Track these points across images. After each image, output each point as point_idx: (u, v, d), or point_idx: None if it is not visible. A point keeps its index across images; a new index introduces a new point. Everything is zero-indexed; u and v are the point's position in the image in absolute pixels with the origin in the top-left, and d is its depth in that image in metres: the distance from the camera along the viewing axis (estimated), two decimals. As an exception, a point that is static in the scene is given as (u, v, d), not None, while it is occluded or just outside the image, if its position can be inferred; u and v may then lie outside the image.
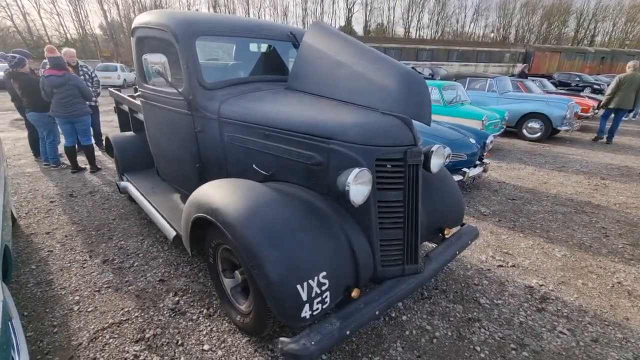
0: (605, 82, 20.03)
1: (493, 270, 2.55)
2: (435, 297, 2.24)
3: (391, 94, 1.74)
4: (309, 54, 2.21)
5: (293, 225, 1.51)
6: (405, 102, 1.70)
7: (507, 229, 3.25)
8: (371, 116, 1.70)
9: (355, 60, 1.94)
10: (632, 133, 8.76)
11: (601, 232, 3.21)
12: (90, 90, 4.53)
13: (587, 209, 3.78)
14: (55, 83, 4.06)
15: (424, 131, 4.02)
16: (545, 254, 2.82)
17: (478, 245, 2.92)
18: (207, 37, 2.27)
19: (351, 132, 1.64)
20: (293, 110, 1.93)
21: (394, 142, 1.63)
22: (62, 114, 4.21)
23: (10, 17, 34.92)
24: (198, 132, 2.26)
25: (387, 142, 1.62)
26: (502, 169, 5.28)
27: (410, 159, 1.64)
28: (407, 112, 1.70)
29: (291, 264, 1.40)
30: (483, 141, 4.38)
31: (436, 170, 2.06)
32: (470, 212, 3.61)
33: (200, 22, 2.23)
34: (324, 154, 1.72)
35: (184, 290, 2.27)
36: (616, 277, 2.50)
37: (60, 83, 4.07)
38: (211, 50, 3.00)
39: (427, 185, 2.20)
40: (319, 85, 2.15)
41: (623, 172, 5.23)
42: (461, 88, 7.02)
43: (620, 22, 48.21)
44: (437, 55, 25.14)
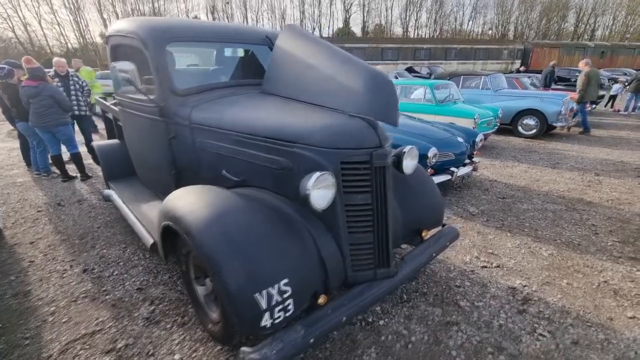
0: (605, 76, 19.91)
1: (476, 272, 2.51)
2: (415, 301, 2.20)
3: (358, 96, 1.71)
4: (282, 57, 2.20)
5: (255, 232, 1.48)
6: (371, 103, 1.68)
7: (495, 228, 3.20)
8: (336, 119, 1.67)
9: (325, 63, 1.92)
10: (631, 127, 8.66)
11: (591, 230, 3.15)
12: (68, 101, 4.54)
13: (579, 206, 3.72)
14: (29, 93, 4.09)
15: (410, 131, 3.99)
16: (532, 253, 2.76)
17: (463, 246, 2.87)
18: (178, 43, 2.26)
19: (315, 136, 1.62)
20: (260, 115, 1.91)
21: (359, 144, 1.60)
22: (38, 124, 4.25)
23: (11, 29, 35.37)
24: (172, 139, 2.25)
25: (351, 145, 1.59)
26: (495, 167, 5.23)
27: (377, 161, 1.61)
28: (374, 113, 1.67)
29: (250, 273, 1.37)
30: (472, 140, 4.33)
31: (409, 172, 2.03)
32: (459, 212, 3.56)
33: (170, 28, 2.22)
34: (290, 158, 1.70)
35: (161, 299, 2.25)
36: (602, 276, 2.45)
37: (34, 93, 4.10)
38: (192, 56, 3.00)
39: (404, 187, 2.17)
40: (291, 89, 2.13)
41: (618, 168, 5.15)
42: (454, 87, 6.98)
43: (621, 16, 47.89)
44: (435, 54, 25.08)
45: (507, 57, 26.50)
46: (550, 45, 27.06)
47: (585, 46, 27.39)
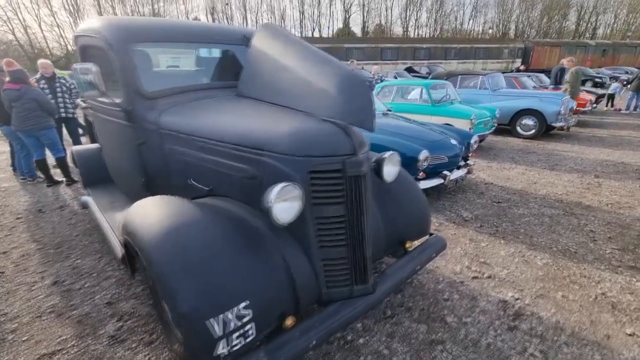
0: (607, 74, 19.71)
1: (466, 283, 2.37)
2: (399, 316, 2.06)
3: (331, 99, 1.58)
4: (257, 57, 2.08)
5: (214, 250, 1.35)
6: (345, 107, 1.55)
7: (488, 235, 3.06)
8: (306, 124, 1.54)
9: (299, 63, 1.79)
10: (633, 127, 8.49)
11: (589, 237, 3.01)
12: (52, 103, 4.43)
13: (577, 210, 3.57)
14: (11, 97, 3.98)
15: (401, 133, 3.85)
16: (526, 262, 2.62)
17: (454, 255, 2.73)
18: (147, 44, 2.13)
19: (282, 143, 1.49)
20: (229, 120, 1.79)
21: (330, 152, 1.47)
22: (21, 127, 4.14)
23: (12, 31, 35.40)
24: (140, 145, 2.12)
25: (321, 152, 1.46)
26: (492, 169, 5.08)
27: (350, 170, 1.48)
28: (347, 118, 1.54)
29: (203, 296, 1.24)
30: (467, 141, 4.19)
31: (391, 179, 1.90)
32: (452, 218, 3.42)
33: (137, 27, 2.10)
34: (257, 167, 1.57)
35: (130, 314, 2.12)
36: (600, 288, 2.30)
37: (16, 97, 3.99)
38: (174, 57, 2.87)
39: (386, 195, 2.04)
40: (266, 91, 2.01)
41: (619, 169, 5.00)
42: (450, 87, 6.83)
43: (622, 14, 47.57)
44: (435, 54, 24.91)
45: (508, 56, 26.29)
46: (551, 44, 26.83)
47: (587, 44, 27.16)
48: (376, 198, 2.01)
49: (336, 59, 1.75)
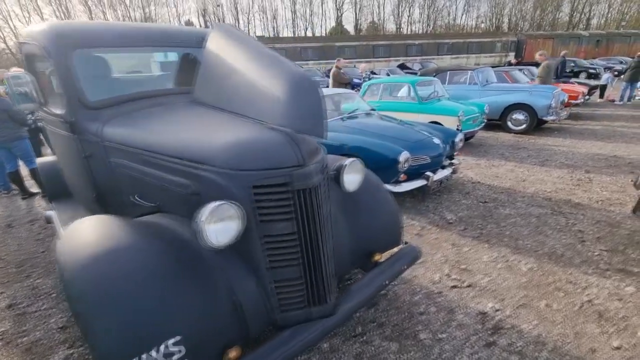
0: (601, 65, 19.60)
1: (445, 293, 2.23)
2: (370, 333, 1.92)
3: (279, 105, 1.44)
4: (211, 61, 1.93)
5: (143, 278, 1.20)
6: (293, 113, 1.40)
7: (472, 238, 2.92)
8: (248, 134, 1.40)
9: (251, 67, 1.64)
10: (626, 118, 8.36)
11: (577, 237, 2.87)
12: (23, 114, 4.27)
13: (565, 208, 3.44)
14: None
15: (381, 133, 3.71)
16: (509, 268, 2.49)
17: (434, 262, 2.60)
18: (92, 49, 1.99)
19: (220, 156, 1.35)
20: (172, 130, 1.64)
21: (274, 164, 1.32)
22: None
23: (3, 39, 35.16)
24: (87, 158, 1.98)
25: (264, 165, 1.32)
26: (480, 167, 4.95)
27: (297, 183, 1.34)
28: (296, 125, 1.40)
29: (124, 334, 1.09)
30: (452, 140, 4.05)
31: (353, 188, 1.76)
32: (435, 220, 3.28)
33: (80, 32, 1.95)
34: (198, 182, 1.43)
35: (83, 340, 1.98)
36: (587, 295, 2.17)
37: None
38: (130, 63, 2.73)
39: (352, 205, 1.90)
40: (219, 97, 1.87)
41: (611, 163, 4.87)
42: (438, 83, 6.69)
43: (616, 3, 47.45)
44: (427, 50, 24.78)
45: (501, 49, 26.17)
46: (544, 36, 26.71)
47: (580, 36, 27.05)
48: (341, 208, 1.87)
49: (288, 60, 1.61)
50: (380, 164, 3.40)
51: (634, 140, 6.14)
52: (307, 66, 20.94)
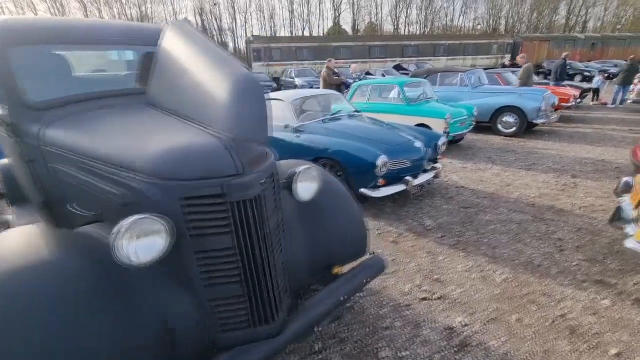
0: (596, 68, 19.61)
1: (413, 307, 2.13)
2: (329, 351, 1.81)
3: (221, 109, 1.33)
4: (165, 60, 1.82)
5: (57, 298, 1.09)
6: (234, 117, 1.30)
7: (449, 247, 2.82)
8: (182, 141, 1.30)
9: (201, 67, 1.54)
10: (617, 121, 8.31)
11: (556, 246, 2.78)
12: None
13: (548, 215, 3.35)
14: None
15: (359, 136, 3.60)
16: (484, 279, 2.39)
17: (407, 272, 2.49)
18: (39, 47, 1.86)
19: (149, 164, 1.24)
20: (111, 134, 1.53)
21: (206, 173, 1.22)
22: None
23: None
24: (30, 162, 1.86)
25: (195, 175, 1.21)
26: (466, 171, 4.85)
27: (234, 194, 1.23)
28: (236, 130, 1.29)
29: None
30: (435, 143, 3.95)
31: (308, 197, 1.65)
32: (413, 227, 3.18)
33: (25, 28, 1.83)
34: (128, 191, 1.32)
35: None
36: (560, 308, 2.07)
37: None
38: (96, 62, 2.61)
39: (310, 214, 1.79)
40: (169, 99, 1.76)
41: (598, 168, 4.79)
42: (427, 85, 6.61)
43: (612, 7, 47.64)
44: (424, 51, 24.71)
45: (497, 51, 26.15)
46: (540, 39, 26.74)
47: (576, 38, 27.10)
48: (298, 218, 1.77)
49: (237, 62, 1.50)
50: (358, 168, 3.30)
51: (623, 144, 6.08)
52: (302, 66, 20.84)
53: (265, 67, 22.24)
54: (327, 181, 1.92)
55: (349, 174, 3.38)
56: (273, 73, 21.90)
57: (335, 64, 7.96)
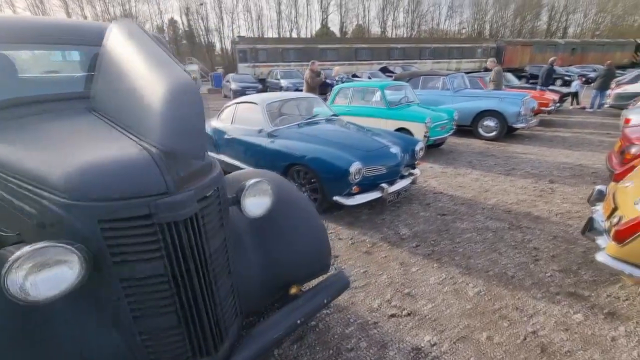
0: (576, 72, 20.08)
1: (381, 324, 2.02)
2: (287, 377, 1.68)
3: (154, 117, 1.19)
4: (107, 62, 1.66)
5: None
6: (167, 128, 1.15)
7: (422, 257, 2.73)
8: (105, 155, 1.14)
9: (138, 70, 1.39)
10: (595, 125, 8.46)
11: (531, 256, 2.72)
12: None
13: (524, 222, 3.30)
14: None
15: (335, 142, 3.49)
16: (456, 292, 2.30)
17: (377, 285, 2.39)
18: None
19: (63, 182, 1.08)
20: (34, 144, 1.37)
21: (130, 192, 1.07)
22: None
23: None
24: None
25: (115, 194, 1.06)
26: (446, 176, 4.80)
27: (163, 215, 1.09)
28: (168, 141, 1.15)
29: None
30: (412, 149, 3.88)
31: (259, 213, 1.51)
32: (388, 236, 3.08)
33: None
34: (40, 211, 1.16)
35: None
36: (532, 324, 1.99)
37: None
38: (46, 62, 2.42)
39: (263, 231, 1.66)
40: (110, 104, 1.61)
41: (575, 173, 4.81)
42: (409, 88, 6.57)
43: (591, 14, 49.19)
44: (410, 54, 24.90)
45: (481, 55, 26.55)
46: (523, 43, 27.31)
47: (557, 43, 27.78)
48: (250, 234, 1.64)
49: (177, 65, 1.35)
50: (330, 175, 3.19)
51: (600, 148, 6.15)
52: (288, 67, 20.69)
53: (251, 68, 22.00)
54: (284, 194, 1.80)
55: (321, 181, 3.27)
56: (259, 74, 21.68)
57: (318, 66, 7.85)
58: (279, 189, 1.82)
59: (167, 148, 1.14)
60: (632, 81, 10.87)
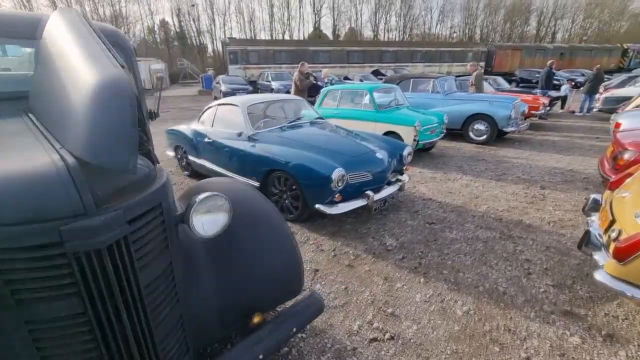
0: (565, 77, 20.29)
1: (360, 350, 1.82)
2: (250, 418, 1.47)
3: (77, 121, 0.98)
4: (43, 57, 1.46)
5: None
6: (87, 134, 0.95)
7: (408, 271, 2.55)
8: (7, 169, 0.93)
9: (71, 64, 1.17)
10: (585, 129, 8.43)
11: (523, 269, 2.55)
12: None
13: (516, 232, 3.14)
14: None
15: (318, 146, 3.30)
16: (443, 311, 2.11)
17: (358, 303, 2.19)
18: None
19: None
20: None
21: (32, 215, 0.86)
22: None
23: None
24: None
25: (11, 218, 0.85)
26: (435, 181, 4.65)
27: (78, 242, 0.88)
28: (88, 151, 0.94)
29: None
30: (400, 153, 3.71)
31: (212, 232, 1.29)
32: (373, 247, 2.90)
33: None
34: None
35: None
36: (526, 349, 1.82)
37: None
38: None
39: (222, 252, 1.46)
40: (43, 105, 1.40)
41: (567, 178, 4.69)
42: (398, 91, 6.42)
43: (579, 19, 50.15)
44: (401, 57, 24.95)
45: (472, 59, 26.73)
46: (513, 48, 27.59)
47: (545, 48, 28.13)
48: (207, 257, 1.43)
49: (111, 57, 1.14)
50: (311, 181, 3.00)
51: (591, 152, 6.08)
52: (280, 70, 20.49)
53: (241, 70, 21.75)
54: (249, 207, 1.59)
55: (302, 188, 3.07)
56: (250, 76, 21.45)
57: (308, 68, 7.67)
58: (244, 202, 1.62)
59: (87, 159, 0.93)
60: (620, 85, 10.98)
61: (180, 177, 5.00)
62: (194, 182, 4.69)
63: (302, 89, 7.19)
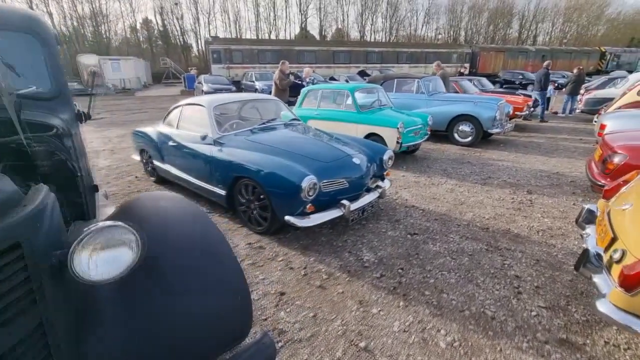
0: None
1: (325, 399, 1.51)
2: None
3: None
4: None
5: None
6: None
7: (387, 292, 2.26)
8: None
9: None
10: (568, 131, 8.39)
11: (513, 287, 2.31)
12: None
13: (503, 243, 2.91)
14: None
15: (289, 151, 2.98)
16: (424, 343, 1.83)
17: (328, 334, 1.89)
18: None
19: None
20: None
21: None
22: None
23: None
24: None
25: None
26: (419, 186, 4.40)
27: None
28: None
29: None
30: (380, 158, 3.43)
31: (109, 275, 0.96)
32: (348, 263, 2.60)
33: None
34: None
35: None
36: (518, 391, 1.55)
37: None
38: None
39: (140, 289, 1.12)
40: None
41: (553, 182, 4.52)
42: (382, 91, 6.17)
43: (559, 23, 51.46)
44: (387, 58, 24.91)
45: (457, 60, 26.96)
46: (496, 50, 27.94)
47: (528, 50, 28.59)
48: (119, 299, 1.10)
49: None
50: (280, 190, 2.68)
51: (575, 154, 5.97)
52: (265, 69, 20.08)
53: (225, 70, 21.25)
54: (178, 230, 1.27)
55: (270, 198, 2.75)
56: (234, 76, 20.97)
57: (289, 67, 7.35)
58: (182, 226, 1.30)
59: None
60: (601, 87, 11.06)
61: (146, 183, 4.60)
62: (161, 189, 4.30)
63: (282, 89, 6.87)
